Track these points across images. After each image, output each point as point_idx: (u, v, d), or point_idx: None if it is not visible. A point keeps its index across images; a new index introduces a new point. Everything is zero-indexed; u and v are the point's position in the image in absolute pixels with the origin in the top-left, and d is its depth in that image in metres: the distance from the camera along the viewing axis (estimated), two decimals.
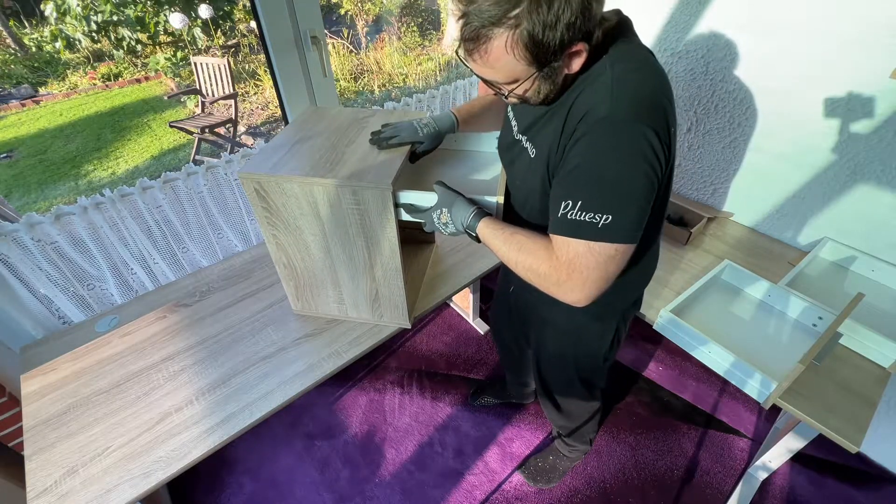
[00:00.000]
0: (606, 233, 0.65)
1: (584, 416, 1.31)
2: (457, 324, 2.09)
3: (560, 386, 1.23)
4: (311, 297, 1.17)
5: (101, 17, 5.39)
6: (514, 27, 0.59)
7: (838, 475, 1.51)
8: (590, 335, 1.03)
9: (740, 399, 1.73)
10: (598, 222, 0.64)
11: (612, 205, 0.64)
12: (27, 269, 1.19)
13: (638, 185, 0.64)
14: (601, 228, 0.64)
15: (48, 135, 4.58)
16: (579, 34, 0.61)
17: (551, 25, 0.58)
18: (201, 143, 3.87)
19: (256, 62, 5.55)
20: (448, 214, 0.85)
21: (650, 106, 0.64)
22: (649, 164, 0.64)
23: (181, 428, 0.99)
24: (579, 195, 0.65)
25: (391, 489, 1.51)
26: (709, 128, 1.55)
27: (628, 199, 0.65)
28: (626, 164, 0.63)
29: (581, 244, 0.66)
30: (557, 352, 1.11)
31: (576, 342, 1.05)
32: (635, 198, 0.65)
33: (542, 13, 0.57)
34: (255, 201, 0.95)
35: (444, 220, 0.86)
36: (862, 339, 1.12)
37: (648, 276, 0.96)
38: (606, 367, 1.13)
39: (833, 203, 1.36)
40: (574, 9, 0.58)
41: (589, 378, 1.16)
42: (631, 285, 0.95)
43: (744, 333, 1.22)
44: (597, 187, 0.65)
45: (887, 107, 1.16)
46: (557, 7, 0.57)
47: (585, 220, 0.65)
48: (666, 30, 1.49)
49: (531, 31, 0.59)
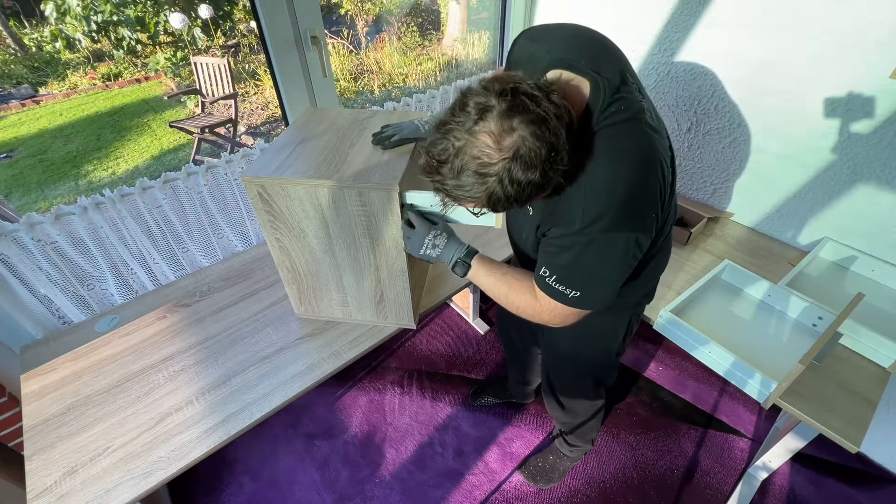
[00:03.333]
0: (575, 302, 0.73)
1: (587, 414, 1.31)
2: (457, 324, 2.09)
3: (567, 384, 1.23)
4: (314, 300, 1.17)
5: (101, 17, 5.38)
6: (486, 194, 0.60)
7: (838, 475, 1.51)
8: (602, 330, 1.04)
9: (740, 399, 1.73)
10: (569, 294, 0.72)
11: (583, 285, 0.71)
12: (27, 269, 1.19)
13: (613, 271, 0.71)
14: (570, 298, 0.73)
15: (48, 135, 4.58)
16: (549, 185, 0.62)
17: (518, 190, 0.59)
18: (201, 143, 3.87)
19: (256, 62, 5.55)
20: (445, 239, 0.90)
21: (637, 209, 0.66)
22: (629, 260, 0.69)
23: (181, 428, 0.99)
24: (555, 271, 0.72)
25: (391, 489, 1.51)
26: (709, 128, 1.55)
27: (600, 280, 0.72)
28: (602, 265, 0.69)
29: (555, 303, 0.75)
30: (570, 350, 1.12)
31: (589, 339, 1.06)
32: (608, 280, 0.72)
33: (509, 188, 0.59)
34: (259, 205, 0.95)
35: (438, 244, 0.90)
36: (862, 339, 1.12)
37: (660, 270, 0.97)
38: (617, 362, 1.15)
39: (833, 203, 1.36)
40: (541, 172, 0.58)
41: (600, 375, 1.17)
42: (641, 281, 0.95)
43: (744, 333, 1.22)
44: (570, 271, 0.71)
45: (887, 107, 1.16)
46: (524, 179, 0.58)
47: (559, 289, 0.73)
48: (666, 29, 1.49)
49: (498, 195, 0.60)
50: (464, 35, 5.91)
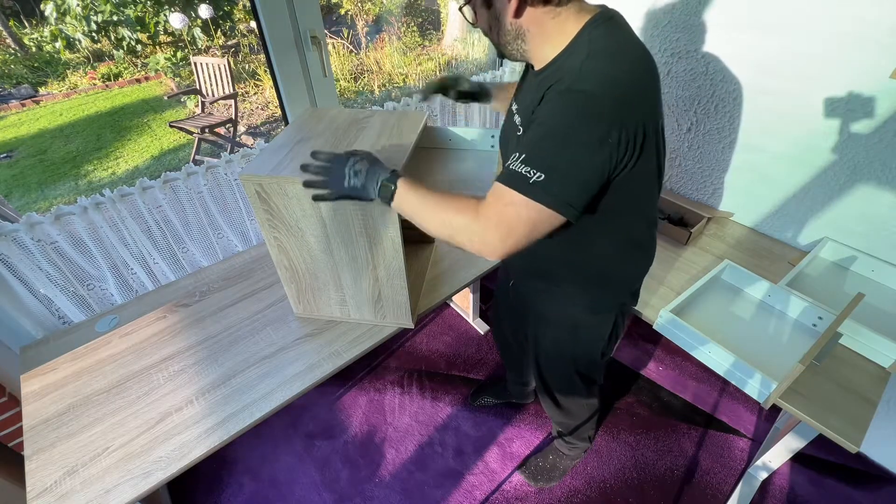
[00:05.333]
0: (533, 189, 0.64)
1: (583, 415, 1.31)
2: (457, 324, 2.09)
3: (559, 383, 1.23)
4: (312, 299, 1.17)
5: (101, 17, 5.39)
6: None
7: (838, 475, 1.51)
8: (586, 329, 1.03)
9: (740, 399, 1.73)
10: (531, 178, 0.64)
11: (549, 165, 0.64)
12: (27, 269, 1.19)
13: (582, 159, 0.64)
14: (531, 184, 0.64)
15: (48, 135, 4.58)
16: None
17: None
18: (201, 143, 3.87)
19: (256, 62, 5.55)
20: (365, 164, 0.79)
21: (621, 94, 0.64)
22: (601, 148, 0.63)
23: (181, 428, 0.99)
24: (525, 149, 0.66)
25: (391, 489, 1.51)
26: (709, 128, 1.55)
27: (567, 166, 0.64)
28: (576, 134, 0.63)
29: (513, 195, 0.66)
30: (555, 348, 1.11)
31: (573, 337, 1.06)
32: (575, 169, 0.64)
33: None
34: (257, 203, 0.95)
35: (357, 168, 0.79)
36: (862, 339, 1.12)
37: (642, 271, 0.97)
38: (604, 363, 1.13)
39: (833, 203, 1.36)
40: None
41: (587, 374, 1.16)
42: (623, 279, 0.95)
43: (744, 333, 1.21)
44: (541, 144, 0.65)
45: (887, 107, 1.16)
46: None
47: (521, 172, 0.65)
48: (666, 30, 1.49)
49: None
50: (464, 35, 5.91)
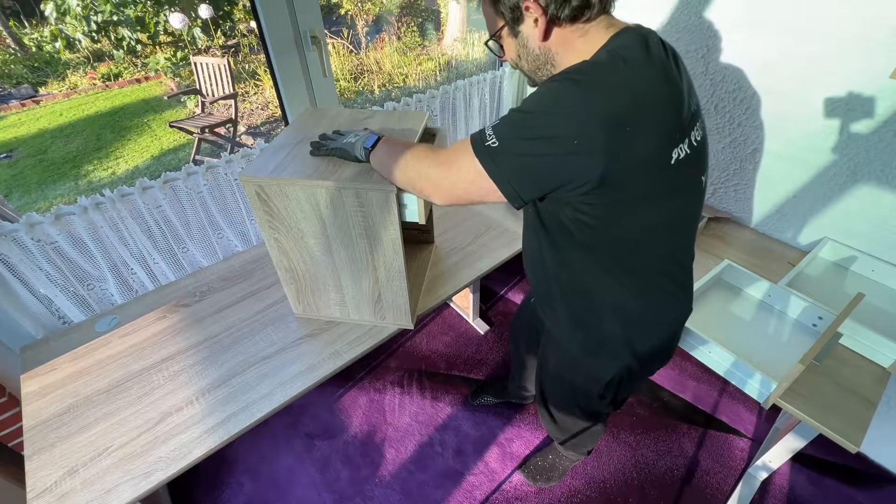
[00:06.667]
0: (483, 150, 0.67)
1: (578, 430, 1.26)
2: (457, 324, 2.09)
3: (558, 402, 1.20)
4: (312, 300, 1.17)
5: (101, 17, 5.38)
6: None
7: (838, 475, 1.51)
8: (584, 368, 0.99)
9: (740, 399, 1.73)
10: (487, 140, 0.67)
11: (507, 134, 0.65)
12: (27, 269, 1.19)
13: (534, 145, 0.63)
14: (484, 147, 0.67)
15: (48, 135, 4.58)
16: None
17: None
18: (201, 143, 3.87)
19: (256, 62, 5.55)
20: (365, 133, 0.93)
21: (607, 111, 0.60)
22: (567, 145, 0.61)
23: (181, 428, 0.99)
24: (501, 118, 0.68)
25: (391, 489, 1.51)
26: (709, 128, 1.55)
27: (518, 143, 0.64)
28: (544, 118, 0.63)
29: (467, 147, 0.69)
30: (556, 371, 1.09)
31: (572, 368, 1.03)
32: (523, 150, 0.64)
33: None
34: (257, 204, 0.95)
35: (358, 134, 0.93)
36: (862, 339, 1.12)
37: (649, 330, 0.86)
38: (604, 404, 1.05)
39: (833, 203, 1.36)
40: None
41: (586, 405, 1.11)
42: (618, 330, 0.85)
43: (744, 333, 1.22)
44: (509, 116, 0.67)
45: (887, 107, 1.16)
46: None
47: (486, 132, 0.68)
48: (666, 30, 1.49)
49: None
50: (464, 35, 5.92)
